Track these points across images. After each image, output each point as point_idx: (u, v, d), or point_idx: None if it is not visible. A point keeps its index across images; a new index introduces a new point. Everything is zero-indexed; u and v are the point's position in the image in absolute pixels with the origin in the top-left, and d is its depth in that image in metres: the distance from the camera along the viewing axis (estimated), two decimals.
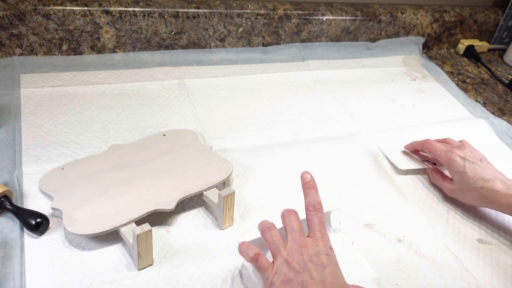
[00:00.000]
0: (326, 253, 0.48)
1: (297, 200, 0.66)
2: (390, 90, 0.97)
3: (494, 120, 0.91)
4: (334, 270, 0.47)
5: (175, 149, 0.66)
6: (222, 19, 0.93)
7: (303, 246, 0.48)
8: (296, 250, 0.48)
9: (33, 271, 0.51)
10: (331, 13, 1.02)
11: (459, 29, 1.17)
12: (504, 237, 0.66)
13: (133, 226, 0.53)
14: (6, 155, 0.64)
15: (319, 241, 0.49)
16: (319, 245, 0.49)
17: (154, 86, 0.84)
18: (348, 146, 0.78)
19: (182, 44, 0.93)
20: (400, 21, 1.08)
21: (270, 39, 1.00)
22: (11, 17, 0.79)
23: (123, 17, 0.85)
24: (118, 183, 0.59)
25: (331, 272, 0.46)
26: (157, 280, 0.52)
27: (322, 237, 0.50)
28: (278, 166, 0.71)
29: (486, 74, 1.12)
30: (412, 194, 0.71)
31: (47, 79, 0.80)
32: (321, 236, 0.50)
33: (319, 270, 0.46)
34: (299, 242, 0.49)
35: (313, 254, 0.48)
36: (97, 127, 0.72)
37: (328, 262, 0.47)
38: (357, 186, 0.70)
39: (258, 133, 0.77)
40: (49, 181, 0.60)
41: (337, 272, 0.47)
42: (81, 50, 0.86)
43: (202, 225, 0.60)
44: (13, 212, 0.55)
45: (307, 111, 0.85)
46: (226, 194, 0.56)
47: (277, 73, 0.94)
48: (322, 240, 0.49)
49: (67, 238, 0.55)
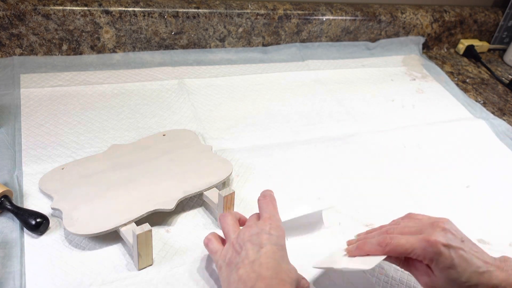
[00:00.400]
0: (268, 233, 0.46)
1: (297, 200, 0.66)
2: (390, 90, 0.97)
3: (493, 121, 0.91)
4: (271, 250, 0.45)
5: (175, 149, 0.66)
6: (222, 19, 0.93)
7: (248, 226, 0.48)
8: (242, 232, 0.48)
9: (33, 271, 0.51)
10: (331, 13, 1.02)
11: (459, 29, 1.17)
12: (504, 237, 0.66)
13: (133, 226, 0.53)
14: (6, 155, 0.64)
15: (266, 221, 0.48)
16: (264, 225, 0.47)
17: (154, 86, 0.84)
18: (348, 146, 0.78)
19: (182, 44, 0.93)
20: (400, 21, 1.08)
21: (270, 39, 1.00)
22: (11, 17, 0.79)
23: (123, 17, 0.85)
24: (118, 183, 0.59)
25: (267, 252, 0.45)
26: (157, 280, 0.52)
27: (269, 218, 0.49)
28: (278, 166, 0.71)
29: (486, 74, 1.12)
30: (412, 194, 0.71)
31: (47, 79, 0.80)
32: (269, 217, 0.49)
33: (255, 250, 0.45)
34: (247, 224, 0.49)
35: (254, 233, 0.47)
36: (97, 127, 0.72)
37: (267, 242, 0.46)
38: (357, 186, 0.70)
39: (258, 133, 0.77)
40: (49, 181, 0.60)
41: (274, 252, 0.45)
42: (81, 50, 0.86)
43: (202, 225, 0.60)
44: (13, 212, 0.55)
45: (307, 111, 0.85)
46: (226, 194, 0.56)
47: (277, 73, 0.94)
48: (269, 219, 0.48)
49: (67, 238, 0.55)
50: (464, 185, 0.74)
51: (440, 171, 0.76)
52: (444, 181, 0.74)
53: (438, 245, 0.45)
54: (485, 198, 0.73)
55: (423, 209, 0.68)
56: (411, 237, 0.47)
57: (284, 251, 0.47)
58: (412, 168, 0.76)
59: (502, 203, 0.72)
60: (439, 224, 0.47)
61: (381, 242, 0.48)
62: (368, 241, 0.50)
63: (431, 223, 0.48)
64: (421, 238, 0.46)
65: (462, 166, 0.78)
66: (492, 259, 0.47)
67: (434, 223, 0.48)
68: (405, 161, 0.77)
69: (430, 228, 0.47)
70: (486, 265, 0.46)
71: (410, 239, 0.47)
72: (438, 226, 0.47)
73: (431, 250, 0.45)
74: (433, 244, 0.45)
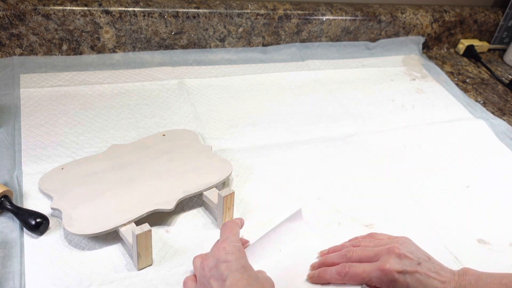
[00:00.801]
0: (225, 260, 0.45)
1: (297, 200, 0.66)
2: (389, 90, 0.97)
3: (493, 121, 0.91)
4: (235, 278, 0.43)
5: (175, 149, 0.66)
6: (222, 19, 0.93)
7: (205, 259, 0.47)
8: (203, 267, 0.47)
9: (33, 271, 0.51)
10: (331, 13, 1.02)
11: (459, 29, 1.17)
12: (504, 237, 0.66)
13: (132, 226, 0.53)
14: (6, 155, 0.64)
15: (219, 247, 0.46)
16: (219, 253, 0.46)
17: (154, 86, 0.84)
18: (348, 146, 0.78)
19: (182, 44, 0.93)
20: (400, 21, 1.08)
21: (270, 39, 1.00)
22: (11, 17, 0.79)
23: (123, 17, 0.85)
24: (118, 183, 0.59)
25: (231, 285, 0.43)
26: (156, 280, 0.52)
27: (222, 241, 0.47)
28: (278, 166, 0.71)
29: (486, 74, 1.12)
30: (412, 194, 0.71)
31: (47, 79, 0.80)
32: (222, 241, 0.48)
33: (220, 285, 0.43)
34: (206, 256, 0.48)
35: (212, 266, 0.45)
36: (96, 127, 0.72)
37: (227, 271, 0.44)
38: (356, 186, 0.70)
39: (258, 133, 0.77)
40: (49, 181, 0.60)
41: (238, 280, 0.43)
42: (81, 50, 0.86)
43: (202, 225, 0.60)
44: (13, 212, 0.55)
45: (307, 111, 0.85)
46: (226, 194, 0.56)
47: (277, 73, 0.94)
48: (222, 244, 0.47)
49: (66, 238, 0.55)
50: (464, 185, 0.74)
51: (440, 171, 0.76)
52: (444, 181, 0.74)
53: (393, 273, 0.47)
54: (485, 198, 0.72)
55: (423, 209, 0.68)
56: (367, 266, 0.49)
57: (248, 270, 0.45)
58: (412, 168, 0.76)
59: (502, 203, 0.72)
60: (394, 250, 0.48)
61: (340, 272, 0.50)
62: (328, 270, 0.51)
63: (388, 248, 0.49)
64: (376, 267, 0.48)
65: (462, 166, 0.78)
66: (450, 276, 0.48)
67: (390, 249, 0.49)
68: (405, 161, 0.77)
69: (386, 254, 0.49)
70: (443, 284, 0.47)
71: (366, 268, 0.49)
72: (394, 252, 0.48)
73: (386, 279, 0.47)
74: (387, 272, 0.47)
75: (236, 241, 0.48)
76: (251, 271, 0.45)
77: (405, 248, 0.49)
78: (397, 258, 0.48)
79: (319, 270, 0.52)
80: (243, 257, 0.46)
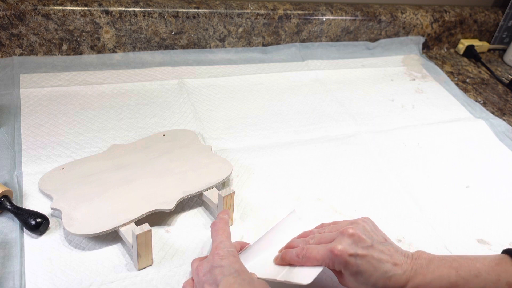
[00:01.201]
0: (219, 265, 0.45)
1: (297, 200, 0.66)
2: (389, 90, 0.97)
3: (493, 121, 0.91)
4: (229, 282, 0.44)
5: (175, 149, 0.66)
6: (222, 19, 0.93)
7: (200, 264, 0.47)
8: (197, 272, 0.47)
9: (33, 271, 0.51)
10: (331, 13, 1.02)
11: (459, 29, 1.17)
12: (504, 237, 0.66)
13: (132, 226, 0.53)
14: (6, 155, 0.64)
15: (214, 253, 0.47)
16: (214, 258, 0.46)
17: (154, 86, 0.84)
18: (347, 146, 0.78)
19: (182, 44, 0.93)
20: (400, 21, 1.08)
21: (270, 39, 1.00)
22: (11, 17, 0.79)
23: (123, 17, 0.85)
24: (118, 183, 0.59)
25: (224, 287, 0.43)
26: (156, 281, 0.52)
27: (216, 247, 0.48)
28: (278, 166, 0.71)
29: (486, 74, 1.12)
30: (412, 194, 0.71)
31: (46, 79, 0.80)
32: (215, 246, 0.48)
33: None
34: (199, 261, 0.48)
35: (207, 271, 0.46)
36: (96, 127, 0.72)
37: (221, 276, 0.44)
38: (357, 186, 0.70)
39: (258, 133, 0.77)
40: (49, 181, 0.60)
41: (231, 284, 0.44)
42: (81, 50, 0.86)
43: (202, 225, 0.60)
44: (13, 212, 0.55)
45: (307, 111, 0.85)
46: (226, 194, 0.56)
47: (277, 73, 0.94)
48: (215, 249, 0.47)
49: (66, 238, 0.55)
50: (464, 185, 0.74)
51: (440, 171, 0.76)
52: (444, 181, 0.74)
53: (344, 255, 0.47)
54: (485, 198, 0.72)
55: (423, 209, 0.68)
56: (321, 248, 0.49)
57: (242, 274, 0.45)
58: (412, 168, 0.76)
59: (502, 203, 0.72)
60: (348, 231, 0.48)
61: (298, 254, 0.50)
62: (289, 251, 0.51)
63: (342, 230, 0.49)
64: (328, 248, 0.48)
65: (462, 166, 0.78)
66: (403, 259, 0.48)
67: (343, 230, 0.49)
68: (405, 161, 0.77)
69: (340, 236, 0.49)
70: (395, 267, 0.47)
71: (320, 250, 0.49)
72: (346, 233, 0.48)
73: (337, 260, 0.47)
74: (338, 254, 0.47)
75: (230, 245, 0.48)
76: (245, 274, 0.45)
77: (360, 229, 0.49)
78: (349, 239, 0.48)
79: (282, 251, 0.53)
80: (237, 262, 0.46)
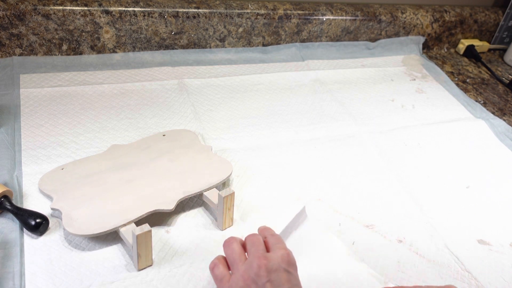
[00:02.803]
0: (286, 270, 0.44)
1: (297, 200, 0.66)
2: (389, 90, 0.97)
3: (493, 121, 0.91)
4: None
5: (175, 149, 0.66)
6: (222, 19, 0.92)
7: (262, 257, 0.45)
8: (255, 264, 0.44)
9: (33, 271, 0.51)
10: (331, 13, 1.01)
11: (459, 29, 1.17)
12: (504, 237, 0.66)
13: (132, 227, 0.53)
14: (5, 155, 0.64)
15: (279, 254, 0.45)
16: (282, 260, 0.45)
17: (154, 86, 0.83)
18: (348, 146, 0.78)
19: (182, 44, 0.93)
20: (400, 21, 1.08)
21: (270, 39, 1.00)
22: (11, 17, 0.79)
23: (123, 17, 0.85)
24: (118, 183, 0.59)
25: None
26: (157, 281, 0.52)
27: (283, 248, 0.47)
28: (278, 166, 0.71)
29: (486, 74, 1.12)
30: (412, 194, 0.71)
31: (46, 79, 0.80)
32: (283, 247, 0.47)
33: None
34: (258, 254, 0.45)
35: (273, 269, 0.44)
36: (96, 127, 0.72)
37: (286, 283, 0.43)
38: (357, 186, 0.70)
39: (258, 133, 0.77)
40: (49, 182, 0.60)
41: None
42: (81, 50, 0.86)
43: (202, 225, 0.60)
44: (13, 213, 0.55)
45: (307, 111, 0.85)
46: (226, 195, 0.56)
47: (277, 73, 0.94)
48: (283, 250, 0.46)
49: (66, 239, 0.55)
50: (464, 185, 0.74)
51: (440, 171, 0.76)
52: (444, 181, 0.74)
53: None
54: (485, 198, 0.72)
55: (423, 209, 0.68)
56: None
57: None
58: (412, 168, 0.76)
59: (502, 203, 0.72)
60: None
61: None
62: None
63: None
64: None
65: (462, 166, 0.78)
66: None
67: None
68: (405, 161, 0.77)
69: None
70: None
71: None
72: None
73: None
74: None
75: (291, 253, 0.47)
76: None
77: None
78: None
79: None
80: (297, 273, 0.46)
